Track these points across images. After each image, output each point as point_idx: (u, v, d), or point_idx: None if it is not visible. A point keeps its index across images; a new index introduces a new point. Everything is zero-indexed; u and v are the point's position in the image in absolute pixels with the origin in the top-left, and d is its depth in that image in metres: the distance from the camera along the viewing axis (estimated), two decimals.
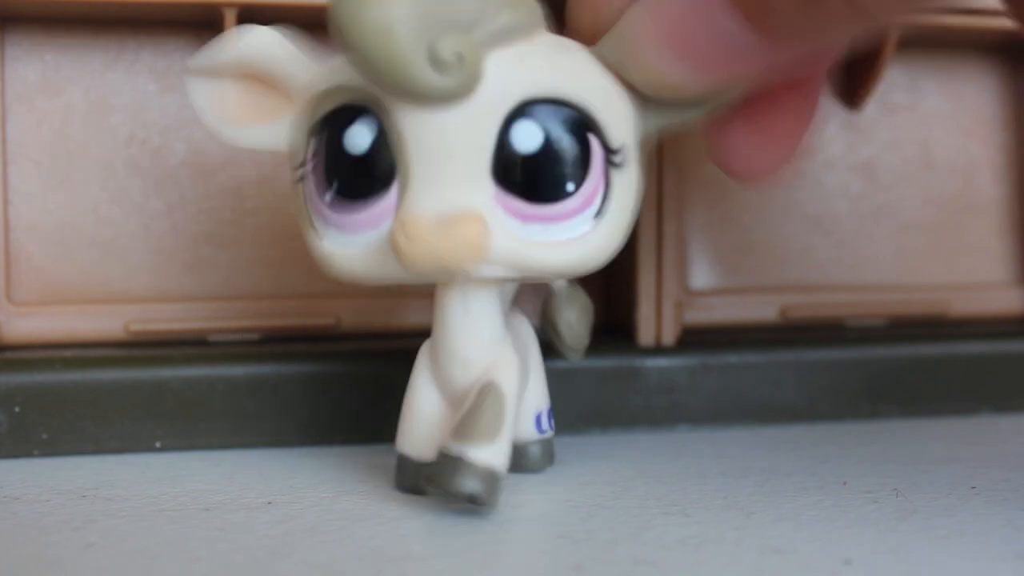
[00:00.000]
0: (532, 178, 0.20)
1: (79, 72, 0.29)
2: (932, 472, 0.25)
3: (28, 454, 0.26)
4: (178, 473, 0.25)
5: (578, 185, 0.20)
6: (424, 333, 0.30)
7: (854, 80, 0.32)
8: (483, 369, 0.22)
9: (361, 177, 0.20)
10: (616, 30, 0.20)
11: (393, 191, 0.20)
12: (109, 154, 0.29)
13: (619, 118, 0.21)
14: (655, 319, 0.29)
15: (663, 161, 0.29)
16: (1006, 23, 0.31)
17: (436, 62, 0.19)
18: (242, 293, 0.30)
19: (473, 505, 0.21)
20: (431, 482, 0.21)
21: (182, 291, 0.29)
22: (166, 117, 0.29)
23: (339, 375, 0.27)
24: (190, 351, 0.27)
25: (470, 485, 0.21)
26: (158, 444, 0.26)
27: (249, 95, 0.22)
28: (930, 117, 0.33)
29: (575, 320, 0.24)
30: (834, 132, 0.33)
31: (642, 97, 0.21)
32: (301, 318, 0.30)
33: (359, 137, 0.20)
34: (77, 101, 0.29)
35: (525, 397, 0.24)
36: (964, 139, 0.34)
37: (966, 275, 0.34)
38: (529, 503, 0.22)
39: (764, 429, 0.29)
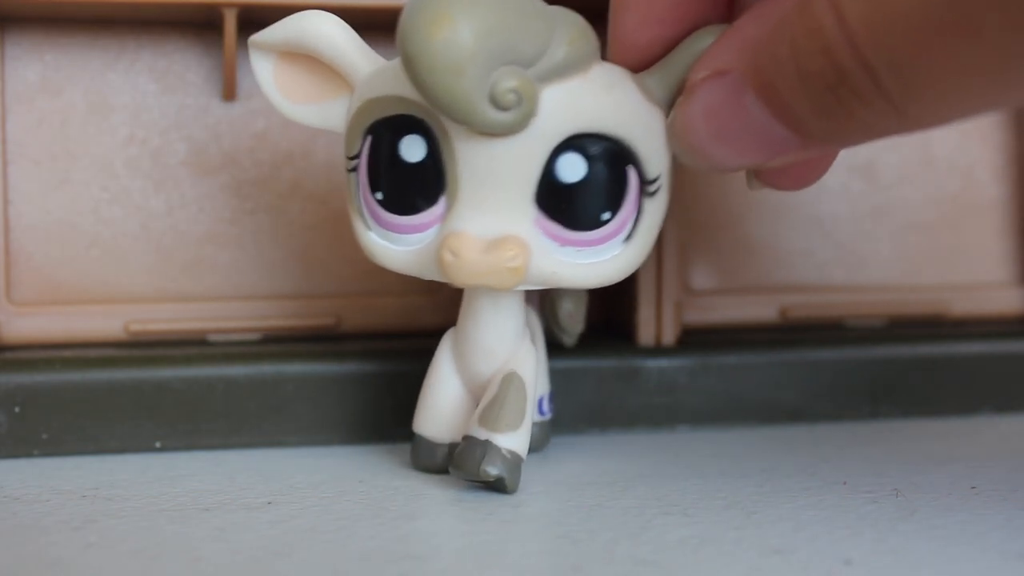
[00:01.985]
0: (572, 207, 0.21)
1: (79, 72, 0.29)
2: (932, 472, 0.25)
3: (28, 454, 0.26)
4: (178, 473, 0.25)
5: (613, 214, 0.21)
6: (424, 333, 0.30)
7: None
8: (505, 360, 0.23)
9: (411, 186, 0.22)
10: (664, 74, 0.21)
11: (441, 203, 0.21)
12: (109, 154, 0.29)
13: (658, 149, 0.22)
14: (655, 319, 0.29)
15: None
16: None
17: (497, 102, 0.19)
18: (242, 293, 0.30)
19: (497, 488, 0.23)
20: (458, 466, 0.23)
21: (182, 291, 0.29)
22: (166, 117, 0.29)
23: (339, 375, 0.27)
24: (190, 351, 0.27)
25: (496, 470, 0.22)
26: (158, 444, 0.26)
27: (308, 74, 0.23)
28: None
29: (573, 308, 0.27)
30: None
31: None
32: (301, 318, 0.30)
33: (412, 149, 0.21)
34: (77, 101, 0.29)
35: None
36: (964, 139, 0.34)
37: (966, 275, 0.34)
38: (529, 503, 0.22)
39: (764, 429, 0.29)
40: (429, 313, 0.30)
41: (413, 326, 0.30)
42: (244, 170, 0.30)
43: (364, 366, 0.27)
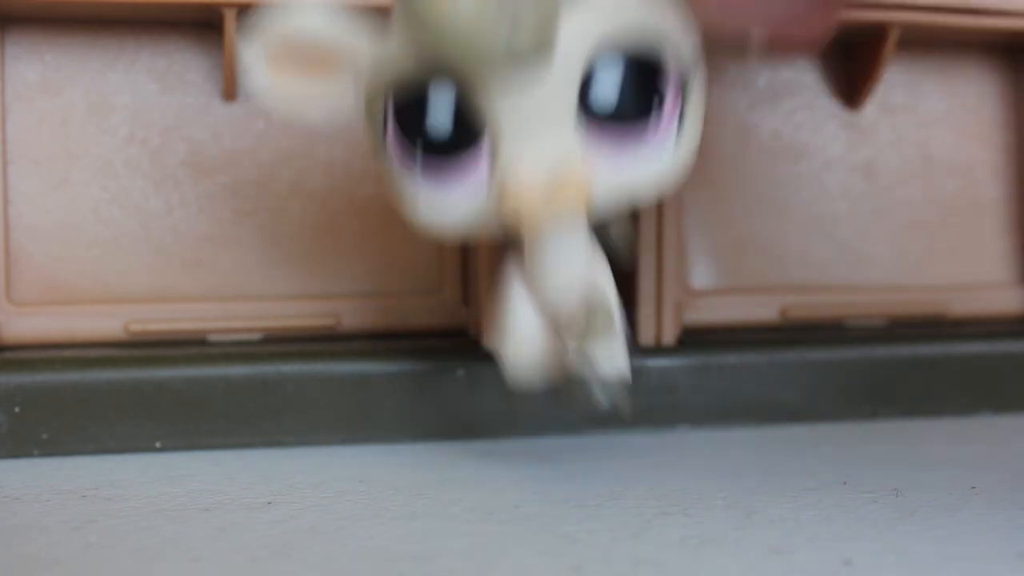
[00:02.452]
0: (620, 101, 0.21)
1: (79, 72, 0.29)
2: (932, 472, 0.25)
3: (28, 454, 0.26)
4: (178, 473, 0.25)
5: (660, 104, 0.21)
6: (424, 333, 0.30)
7: (854, 80, 0.32)
8: (582, 287, 0.23)
9: (448, 140, 0.21)
10: None
11: (483, 148, 0.21)
12: (109, 154, 0.29)
13: (685, 37, 0.21)
14: (655, 319, 0.29)
15: None
16: (1006, 23, 0.31)
17: (521, 33, 0.19)
18: (242, 293, 0.30)
19: (612, 412, 0.23)
20: (569, 402, 0.23)
21: (182, 291, 0.29)
22: (166, 117, 0.29)
23: (339, 375, 0.27)
24: (190, 351, 0.27)
25: (608, 398, 0.22)
26: (158, 444, 0.26)
27: (306, 70, 0.22)
28: (930, 117, 0.33)
29: (624, 229, 0.25)
30: (834, 132, 0.33)
31: None
32: (301, 318, 0.30)
33: (441, 104, 0.21)
34: (77, 101, 0.29)
35: None
36: (964, 139, 0.34)
37: (966, 275, 0.34)
38: (529, 503, 0.22)
39: (764, 429, 0.29)
40: (429, 313, 0.30)
41: (413, 326, 0.30)
42: (244, 170, 0.30)
43: (364, 366, 0.27)
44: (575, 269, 0.23)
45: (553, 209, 0.21)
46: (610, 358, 0.23)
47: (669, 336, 0.29)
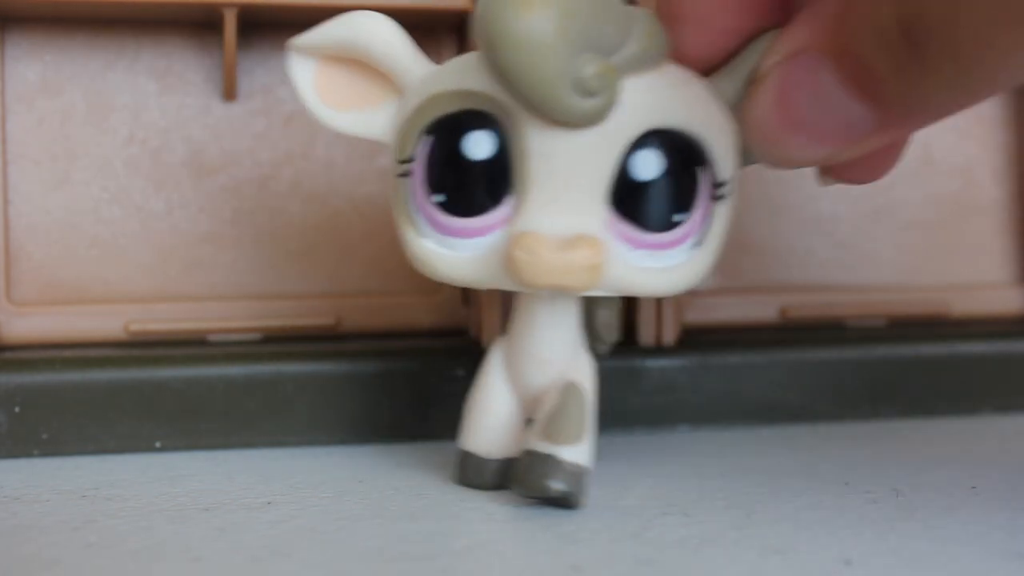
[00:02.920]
0: (646, 206, 0.21)
1: (79, 72, 0.29)
2: (932, 472, 0.25)
3: (28, 454, 0.26)
4: (178, 473, 0.25)
5: (686, 216, 0.21)
6: (424, 333, 0.30)
7: None
8: (561, 370, 0.23)
9: (477, 185, 0.21)
10: (734, 75, 0.21)
11: (506, 203, 0.21)
12: (109, 154, 0.29)
13: (729, 152, 0.21)
14: (655, 319, 0.29)
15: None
16: None
17: (582, 87, 0.19)
18: (242, 293, 0.30)
19: (562, 504, 0.22)
20: (521, 482, 0.22)
21: (182, 291, 0.29)
22: (166, 117, 0.29)
23: (339, 375, 0.27)
24: (190, 351, 0.27)
25: (562, 485, 0.21)
26: (158, 444, 0.26)
27: (351, 79, 0.22)
28: None
29: (609, 317, 0.25)
30: None
31: None
32: (301, 318, 0.30)
33: (479, 146, 0.21)
34: (77, 101, 0.29)
35: None
36: (964, 139, 0.34)
37: (966, 275, 0.34)
38: (529, 503, 0.22)
39: (764, 429, 0.29)
40: (429, 313, 0.30)
41: (413, 326, 0.30)
42: (244, 170, 0.30)
43: (364, 366, 0.27)
44: (556, 351, 0.23)
45: (563, 278, 0.20)
46: (574, 452, 0.22)
47: (669, 336, 0.29)
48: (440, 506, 0.22)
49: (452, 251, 0.21)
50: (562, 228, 0.20)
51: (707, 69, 0.21)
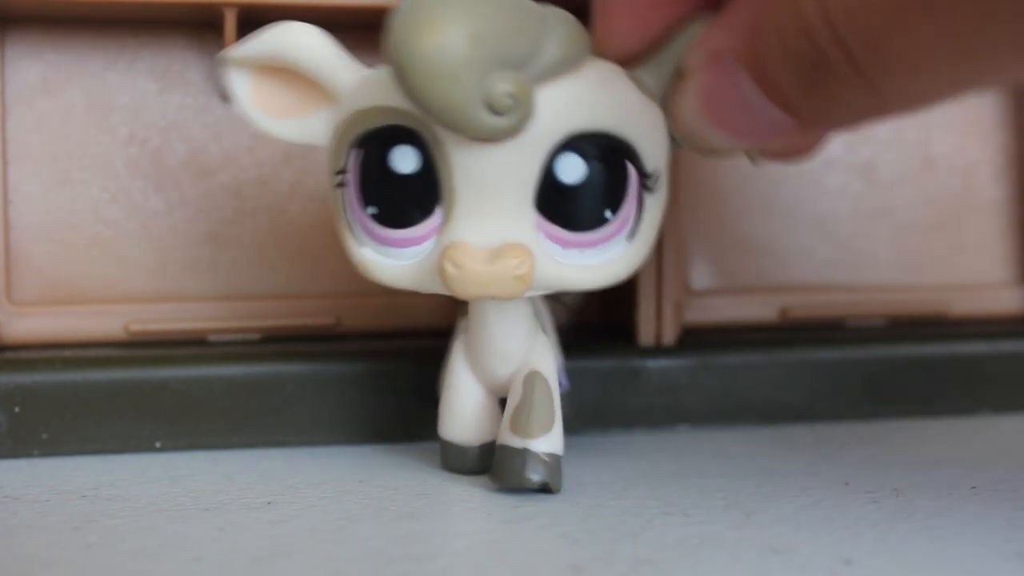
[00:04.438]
0: (573, 208, 0.21)
1: (79, 72, 0.29)
2: (932, 472, 0.25)
3: (28, 454, 0.26)
4: (178, 473, 0.25)
5: (615, 212, 0.21)
6: (424, 333, 0.30)
7: None
8: (522, 359, 0.23)
9: (406, 198, 0.21)
10: (658, 65, 0.21)
11: (437, 213, 0.21)
12: (109, 154, 0.29)
13: (656, 144, 0.21)
14: (655, 319, 0.29)
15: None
16: None
17: (492, 106, 0.19)
18: (242, 293, 0.30)
19: (543, 491, 0.23)
20: (499, 477, 0.23)
21: (182, 291, 0.29)
22: (166, 117, 0.29)
23: (339, 375, 0.27)
24: (190, 351, 0.27)
25: (539, 475, 0.22)
26: (158, 444, 0.26)
27: (286, 88, 0.22)
28: (930, 117, 0.33)
29: (576, 297, 0.26)
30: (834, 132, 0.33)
31: None
32: (301, 318, 0.30)
33: (404, 160, 0.21)
34: (77, 101, 0.29)
35: None
36: (964, 139, 0.34)
37: (966, 275, 0.34)
38: (529, 503, 0.22)
39: (764, 429, 0.29)
40: (428, 313, 0.30)
41: (413, 326, 0.30)
42: (244, 170, 0.30)
43: (364, 366, 0.27)
44: (512, 343, 0.23)
45: (491, 287, 0.20)
46: (547, 442, 0.22)
47: (669, 336, 0.29)
48: (440, 506, 0.22)
49: (390, 259, 0.22)
50: (490, 237, 0.21)
51: (634, 60, 0.21)
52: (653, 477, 0.24)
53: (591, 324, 0.32)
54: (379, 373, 0.27)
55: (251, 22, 0.28)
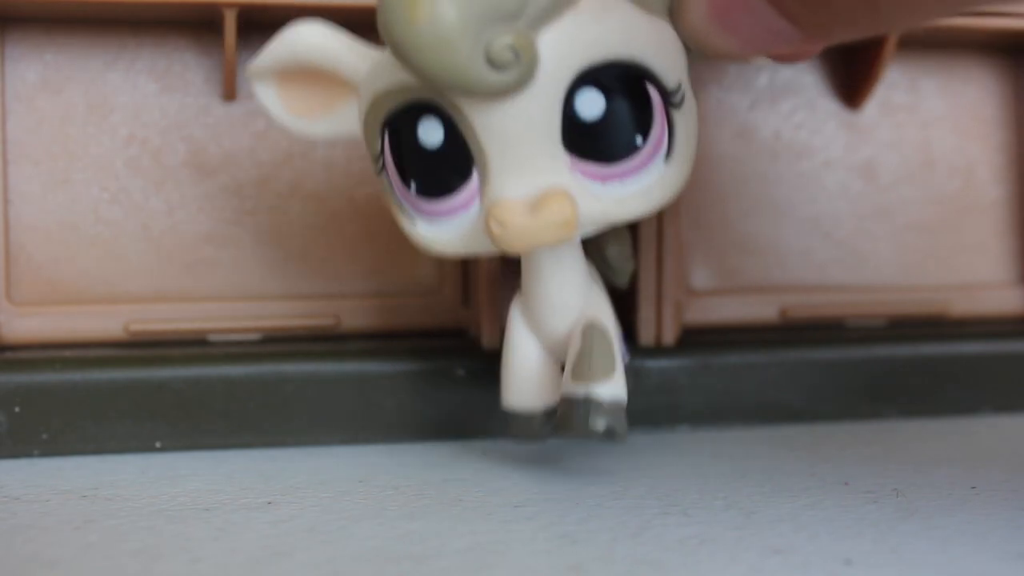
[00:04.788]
0: (602, 142, 0.21)
1: (79, 72, 0.29)
2: (932, 472, 0.25)
3: (28, 454, 0.26)
4: (178, 473, 0.25)
5: (645, 136, 0.21)
6: (424, 333, 0.30)
7: (854, 80, 0.32)
8: (579, 311, 0.23)
9: (440, 170, 0.21)
10: None
11: (474, 177, 0.21)
12: (109, 154, 0.29)
13: (672, 59, 0.21)
14: (655, 319, 0.29)
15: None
16: (1006, 23, 0.31)
17: (494, 63, 0.19)
18: (242, 293, 0.30)
19: (609, 439, 0.22)
20: (565, 427, 0.22)
21: (182, 291, 0.29)
22: (166, 117, 0.29)
23: (339, 375, 0.27)
24: (190, 351, 0.27)
25: (605, 422, 0.22)
26: (158, 444, 0.26)
27: (312, 88, 0.23)
28: (930, 117, 0.33)
29: (620, 248, 0.26)
30: (834, 132, 0.33)
31: None
32: (301, 318, 0.30)
33: (431, 133, 0.21)
34: (77, 101, 0.29)
35: None
36: (964, 139, 0.34)
37: (966, 275, 0.34)
38: (529, 503, 0.22)
39: (764, 429, 0.29)
40: (429, 313, 0.30)
41: (413, 326, 0.30)
42: (244, 170, 0.30)
43: (364, 366, 0.27)
44: (568, 293, 0.23)
45: (538, 238, 0.20)
46: (610, 388, 0.22)
47: (669, 336, 0.29)
48: (440, 506, 0.22)
49: (443, 230, 0.22)
50: (528, 188, 0.20)
51: None
52: (653, 477, 0.24)
53: None
54: (379, 373, 0.27)
55: (251, 22, 0.28)
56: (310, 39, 0.22)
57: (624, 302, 0.30)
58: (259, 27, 0.29)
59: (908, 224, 0.33)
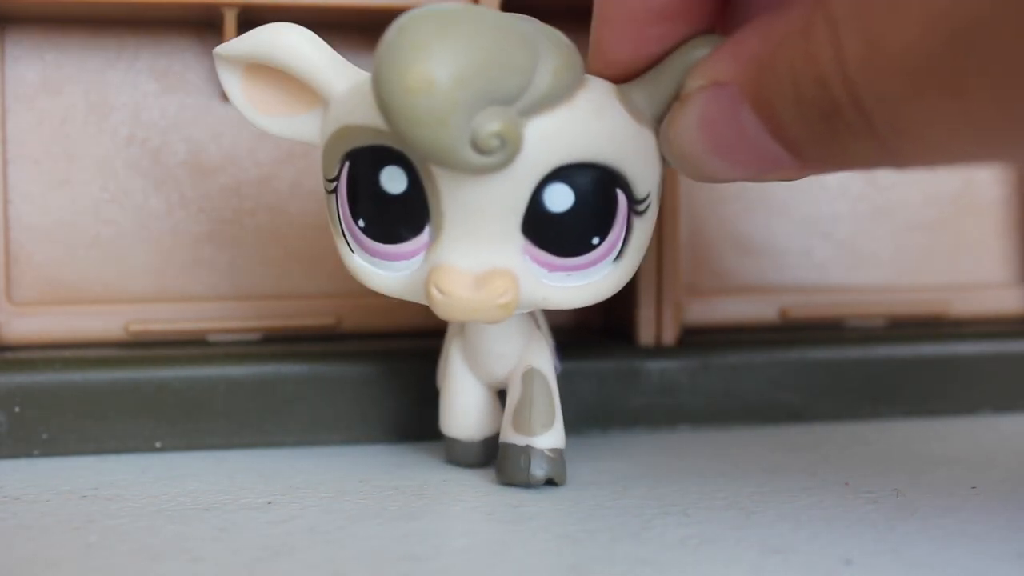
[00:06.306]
0: (560, 235, 0.21)
1: (79, 72, 0.29)
2: (932, 472, 0.25)
3: (28, 454, 0.26)
4: (178, 473, 0.25)
5: (603, 238, 0.21)
6: (424, 333, 0.30)
7: None
8: (517, 357, 0.24)
9: (394, 219, 0.21)
10: (655, 86, 0.21)
11: (426, 232, 0.21)
12: (109, 154, 0.29)
13: (649, 170, 0.21)
14: (655, 319, 0.29)
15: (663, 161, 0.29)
16: None
17: (479, 149, 0.19)
18: (242, 293, 0.30)
19: (550, 485, 0.23)
20: (504, 474, 0.23)
21: (182, 291, 0.29)
22: (166, 117, 0.29)
23: (339, 375, 0.27)
24: (190, 351, 0.27)
25: (544, 471, 0.23)
26: (158, 444, 0.26)
27: (277, 86, 0.22)
28: None
29: None
30: None
31: None
32: (301, 318, 0.30)
33: (394, 182, 0.21)
34: (77, 101, 0.29)
35: None
36: None
37: (966, 275, 0.34)
38: (529, 503, 0.22)
39: (764, 429, 0.29)
40: (428, 313, 0.30)
41: (413, 326, 0.30)
42: (244, 170, 0.30)
43: (364, 366, 0.27)
44: (508, 345, 0.24)
45: (477, 314, 0.20)
46: (549, 438, 0.23)
47: (669, 336, 0.29)
48: (440, 506, 0.22)
49: (380, 270, 0.22)
50: (476, 261, 0.20)
51: (628, 74, 0.21)
52: (653, 477, 0.24)
53: (591, 324, 0.32)
54: (379, 373, 0.27)
55: (251, 22, 0.28)
56: (290, 41, 0.21)
57: (624, 302, 0.30)
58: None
59: (908, 224, 0.33)
